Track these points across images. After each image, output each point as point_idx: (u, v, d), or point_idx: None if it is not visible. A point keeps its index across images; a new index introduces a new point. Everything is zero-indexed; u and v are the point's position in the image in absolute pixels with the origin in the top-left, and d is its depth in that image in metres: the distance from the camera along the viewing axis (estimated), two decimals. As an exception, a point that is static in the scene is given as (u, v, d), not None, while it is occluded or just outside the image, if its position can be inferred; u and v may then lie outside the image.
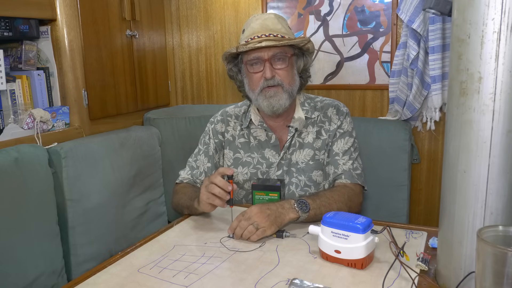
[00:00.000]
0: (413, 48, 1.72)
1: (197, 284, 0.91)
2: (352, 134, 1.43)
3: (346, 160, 1.37)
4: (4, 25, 1.49)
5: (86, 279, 0.95)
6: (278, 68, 1.32)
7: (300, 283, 0.88)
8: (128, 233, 1.71)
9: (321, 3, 1.97)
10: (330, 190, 1.32)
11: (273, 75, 1.31)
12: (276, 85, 1.32)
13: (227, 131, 1.49)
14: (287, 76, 1.34)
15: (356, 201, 1.33)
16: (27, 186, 1.35)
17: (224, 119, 1.51)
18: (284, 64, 1.33)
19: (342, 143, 1.39)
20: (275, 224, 1.12)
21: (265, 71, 1.31)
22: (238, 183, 1.46)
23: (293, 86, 1.36)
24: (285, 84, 1.33)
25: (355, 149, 1.42)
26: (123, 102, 1.94)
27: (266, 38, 1.31)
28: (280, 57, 1.32)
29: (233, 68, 1.43)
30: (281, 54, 1.32)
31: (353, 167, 1.37)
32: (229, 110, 1.53)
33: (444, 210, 0.85)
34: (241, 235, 1.11)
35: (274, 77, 1.32)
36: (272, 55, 1.31)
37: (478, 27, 0.72)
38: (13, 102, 1.54)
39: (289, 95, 1.35)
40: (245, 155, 1.46)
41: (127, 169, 1.72)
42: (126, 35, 1.94)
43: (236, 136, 1.48)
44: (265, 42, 1.29)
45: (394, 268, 0.91)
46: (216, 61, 2.27)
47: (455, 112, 0.79)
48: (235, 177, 1.45)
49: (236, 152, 1.47)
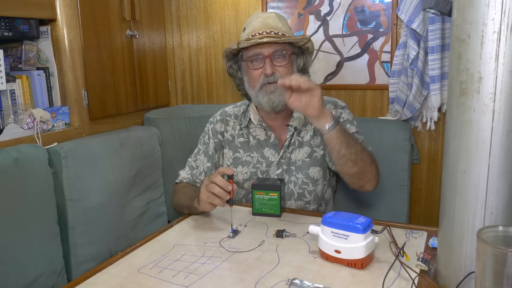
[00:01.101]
0: (413, 48, 1.72)
1: (197, 284, 0.91)
2: (353, 123, 1.43)
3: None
4: (4, 25, 1.49)
5: (86, 279, 0.96)
6: (278, 65, 1.34)
7: (300, 283, 0.88)
8: (128, 233, 1.71)
9: (321, 3, 1.97)
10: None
11: (273, 71, 1.32)
12: (276, 82, 1.32)
13: (226, 131, 1.49)
14: (287, 73, 1.34)
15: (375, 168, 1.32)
16: (27, 186, 1.34)
17: (223, 119, 1.51)
18: (285, 61, 1.34)
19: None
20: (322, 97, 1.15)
21: (266, 67, 1.32)
22: (238, 183, 1.46)
23: None
24: None
25: (360, 135, 1.42)
26: (123, 102, 1.94)
27: (267, 35, 1.32)
28: (280, 54, 1.34)
29: (233, 66, 1.44)
30: (281, 51, 1.34)
31: (364, 142, 1.37)
32: (228, 110, 1.54)
33: (444, 210, 0.85)
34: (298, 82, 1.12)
35: (274, 74, 1.33)
36: (272, 51, 1.32)
37: (478, 27, 0.72)
38: (13, 102, 1.54)
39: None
40: (244, 154, 1.46)
41: (127, 169, 1.72)
42: (126, 35, 1.94)
43: (236, 136, 1.48)
44: (266, 38, 1.31)
45: (394, 268, 0.91)
46: (216, 61, 2.27)
47: (455, 112, 0.79)
48: (235, 177, 1.45)
49: (236, 152, 1.47)
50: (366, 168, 1.27)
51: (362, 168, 1.26)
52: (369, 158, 1.29)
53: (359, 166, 1.25)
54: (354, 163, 1.24)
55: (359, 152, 1.24)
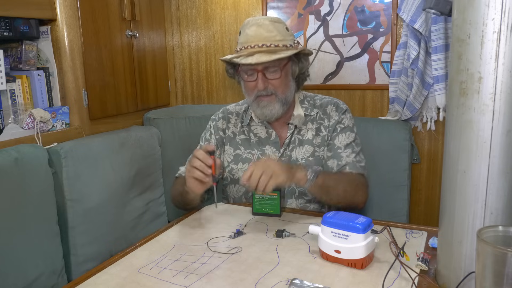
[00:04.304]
0: (413, 48, 1.72)
1: (197, 284, 0.91)
2: (353, 130, 1.44)
3: (349, 153, 1.38)
4: (4, 25, 1.49)
5: (86, 279, 0.95)
6: (271, 78, 1.34)
7: (300, 283, 0.88)
8: (128, 233, 1.71)
9: (321, 3, 1.97)
10: (341, 172, 1.35)
11: (266, 86, 1.34)
12: (269, 95, 1.35)
13: (228, 128, 1.51)
14: (281, 85, 1.35)
15: (363, 191, 1.35)
16: (27, 186, 1.34)
17: (225, 116, 1.53)
18: (277, 75, 1.34)
19: (344, 137, 1.40)
20: (286, 172, 1.13)
21: (258, 83, 1.34)
22: (239, 180, 1.47)
23: (287, 93, 1.38)
24: (279, 93, 1.36)
25: (357, 144, 1.43)
26: (123, 102, 1.94)
27: (259, 50, 1.30)
28: (273, 69, 1.33)
29: (230, 71, 1.46)
30: (274, 66, 1.33)
31: (356, 160, 1.38)
32: (230, 108, 1.56)
33: (444, 210, 0.85)
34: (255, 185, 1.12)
35: (267, 88, 1.34)
36: (264, 66, 1.32)
37: (478, 27, 0.72)
38: (13, 102, 1.54)
39: (283, 103, 1.37)
40: (245, 151, 1.47)
41: (127, 169, 1.72)
42: (126, 35, 1.94)
43: (237, 133, 1.50)
44: (257, 55, 1.30)
45: (394, 268, 0.91)
46: (216, 61, 2.27)
47: (455, 112, 0.79)
48: (236, 174, 1.46)
49: (237, 149, 1.48)
50: (352, 199, 1.31)
51: (348, 201, 1.30)
52: (354, 189, 1.31)
53: (344, 201, 1.29)
54: (338, 201, 1.30)
55: (341, 192, 1.28)
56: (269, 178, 1.11)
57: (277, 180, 1.11)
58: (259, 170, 1.12)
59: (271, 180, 1.11)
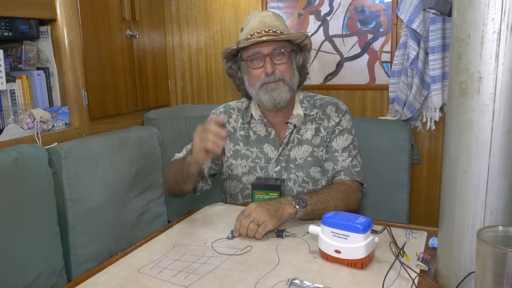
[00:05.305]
0: (413, 48, 1.72)
1: (197, 284, 0.91)
2: (351, 132, 1.44)
3: (345, 157, 1.39)
4: (4, 25, 1.49)
5: (86, 279, 0.96)
6: (278, 63, 1.35)
7: (300, 283, 0.88)
8: (128, 233, 1.71)
9: (321, 3, 1.97)
10: (328, 187, 1.33)
11: (274, 70, 1.34)
12: (277, 80, 1.35)
13: (229, 122, 1.52)
14: (287, 70, 1.37)
15: (354, 198, 1.34)
16: (27, 186, 1.34)
17: (226, 111, 1.54)
18: (284, 59, 1.36)
19: (341, 140, 1.40)
20: (274, 217, 1.12)
21: (266, 66, 1.34)
22: (237, 176, 1.47)
23: (293, 80, 1.39)
24: (286, 78, 1.36)
25: (354, 147, 1.43)
26: (123, 102, 1.94)
27: (266, 34, 1.33)
28: (280, 52, 1.35)
29: (233, 66, 1.46)
30: (281, 49, 1.35)
31: (352, 164, 1.38)
32: (232, 104, 1.57)
33: (444, 210, 0.85)
34: (246, 234, 1.12)
35: (274, 72, 1.34)
36: (272, 50, 1.34)
37: (478, 27, 0.72)
38: (13, 102, 1.54)
39: (290, 88, 1.37)
40: (244, 148, 1.48)
41: (127, 169, 1.71)
42: (126, 35, 1.94)
43: (237, 129, 1.50)
44: (265, 37, 1.32)
45: (394, 268, 0.91)
46: (216, 61, 2.27)
47: (455, 112, 0.79)
48: (234, 169, 1.47)
49: (236, 144, 1.49)
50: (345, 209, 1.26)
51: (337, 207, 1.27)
52: (345, 201, 1.29)
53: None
54: None
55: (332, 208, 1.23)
56: (258, 227, 1.10)
57: (266, 229, 1.11)
58: (247, 220, 1.11)
59: (260, 229, 1.10)
